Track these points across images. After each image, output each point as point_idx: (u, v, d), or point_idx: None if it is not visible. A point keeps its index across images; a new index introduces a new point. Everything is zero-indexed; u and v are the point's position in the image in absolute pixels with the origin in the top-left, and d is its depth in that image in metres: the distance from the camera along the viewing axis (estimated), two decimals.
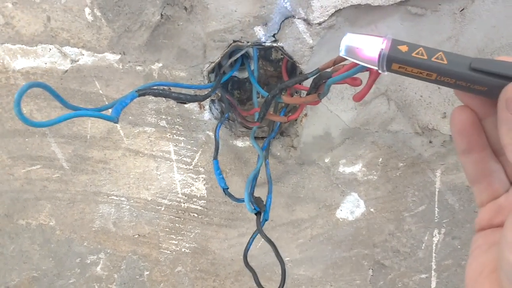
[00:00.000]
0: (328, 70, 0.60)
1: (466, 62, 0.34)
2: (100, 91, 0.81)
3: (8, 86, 0.81)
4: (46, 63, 0.79)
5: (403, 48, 0.36)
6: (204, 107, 0.83)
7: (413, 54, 0.36)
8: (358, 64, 0.52)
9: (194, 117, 0.84)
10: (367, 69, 0.44)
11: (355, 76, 0.53)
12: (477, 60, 0.34)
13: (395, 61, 0.36)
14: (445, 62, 0.35)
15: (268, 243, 0.71)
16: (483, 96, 0.35)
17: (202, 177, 0.91)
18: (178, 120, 0.84)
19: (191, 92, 0.79)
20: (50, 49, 0.77)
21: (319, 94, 0.60)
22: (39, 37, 0.77)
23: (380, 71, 0.38)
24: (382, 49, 0.36)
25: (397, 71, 0.37)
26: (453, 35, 0.75)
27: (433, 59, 0.35)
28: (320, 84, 0.61)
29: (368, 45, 0.38)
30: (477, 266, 0.38)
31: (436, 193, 0.90)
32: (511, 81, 0.33)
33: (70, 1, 0.73)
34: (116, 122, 0.55)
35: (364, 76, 0.49)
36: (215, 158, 0.79)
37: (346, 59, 0.58)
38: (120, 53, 0.77)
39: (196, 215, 0.94)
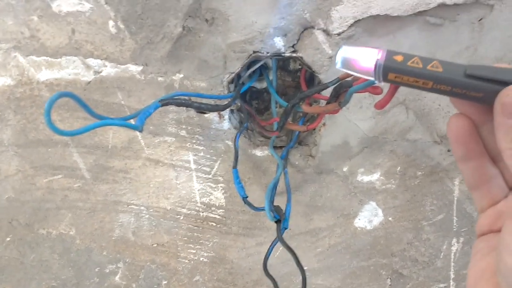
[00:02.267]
0: (349, 79, 0.61)
1: (461, 69, 0.35)
2: (122, 102, 0.82)
3: (32, 97, 0.83)
4: (70, 75, 0.80)
5: (399, 58, 0.36)
6: (223, 117, 0.84)
7: (409, 63, 0.36)
8: None
9: (213, 127, 0.85)
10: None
11: (376, 85, 0.54)
12: (472, 66, 0.35)
13: (391, 70, 0.37)
14: (441, 70, 0.35)
15: (288, 251, 0.71)
16: (479, 103, 0.36)
17: (221, 186, 0.91)
18: (198, 129, 0.85)
19: (212, 102, 0.80)
20: (74, 61, 0.79)
21: (340, 102, 0.61)
22: (63, 49, 0.78)
23: (376, 82, 0.39)
24: (378, 59, 0.37)
25: (394, 80, 0.37)
26: (471, 44, 0.76)
27: (428, 67, 0.36)
28: (341, 93, 0.62)
29: (364, 57, 0.38)
30: (478, 270, 0.39)
31: (455, 201, 0.90)
32: (506, 86, 0.33)
33: (95, 14, 0.75)
34: (141, 131, 0.56)
35: (384, 85, 0.50)
36: (235, 167, 0.79)
37: None
38: (143, 65, 0.79)
39: (214, 224, 0.95)
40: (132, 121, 0.57)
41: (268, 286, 1.01)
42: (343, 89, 0.61)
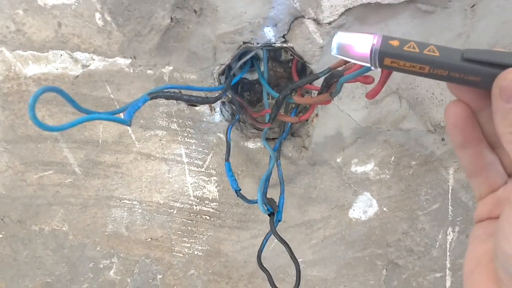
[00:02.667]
0: (340, 68, 0.60)
1: (458, 53, 0.34)
2: (111, 96, 0.81)
3: (20, 92, 0.82)
4: (57, 69, 0.79)
5: (394, 43, 0.36)
6: (215, 109, 0.83)
7: (405, 48, 0.36)
8: None
9: (205, 120, 0.84)
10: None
11: (367, 74, 0.53)
12: (469, 50, 0.34)
13: (387, 55, 0.36)
14: (437, 54, 0.35)
15: (282, 243, 0.70)
16: (477, 88, 0.35)
17: (214, 179, 0.91)
18: (189, 122, 0.84)
19: (202, 94, 0.79)
20: (61, 55, 0.78)
21: (331, 93, 0.60)
22: (50, 43, 0.77)
23: (372, 68, 0.38)
24: (374, 44, 0.37)
25: (390, 66, 0.37)
26: (464, 31, 0.75)
27: (425, 51, 0.35)
28: (332, 83, 0.61)
29: (359, 42, 0.38)
30: (475, 257, 0.38)
31: (450, 191, 0.89)
32: (504, 69, 0.33)
33: (81, 7, 0.73)
34: (129, 125, 0.55)
35: (376, 74, 0.49)
36: (227, 160, 0.79)
37: None
38: (131, 57, 0.77)
39: (208, 217, 0.94)
40: (121, 115, 0.56)
41: (264, 278, 1.00)
42: (334, 79, 0.60)
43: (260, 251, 0.75)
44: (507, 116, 0.32)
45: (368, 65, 0.38)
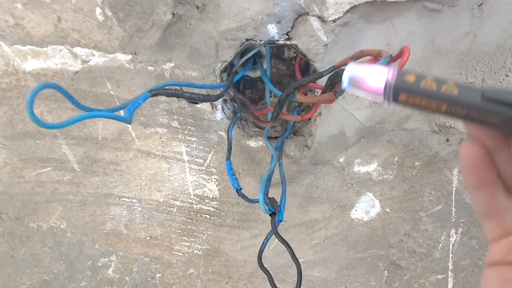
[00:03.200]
0: (345, 67, 0.59)
1: (478, 92, 0.32)
2: (112, 92, 0.80)
3: (18, 88, 0.80)
4: (56, 64, 0.78)
5: (411, 78, 0.34)
6: (216, 107, 0.82)
7: (422, 84, 0.33)
8: (377, 61, 0.51)
9: (206, 117, 0.83)
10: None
11: (385, 105, 0.52)
12: (490, 89, 0.32)
13: (403, 91, 0.34)
14: (456, 91, 0.33)
15: (283, 244, 0.69)
16: (496, 129, 0.33)
17: (214, 178, 0.89)
18: (190, 120, 0.83)
19: (204, 92, 0.77)
20: (61, 50, 0.77)
21: (335, 92, 0.58)
22: (49, 38, 0.76)
23: (385, 104, 0.36)
24: (389, 79, 0.34)
25: (405, 102, 0.34)
26: (471, 30, 0.73)
27: (443, 89, 0.33)
28: (336, 82, 0.60)
29: (373, 76, 0.35)
30: None
31: (453, 192, 0.88)
32: None
33: (81, 1, 0.72)
34: (129, 123, 0.54)
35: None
36: (228, 158, 0.78)
37: (363, 56, 0.57)
38: (132, 53, 0.76)
39: (208, 216, 0.93)
40: (121, 113, 0.55)
41: (264, 278, 0.99)
42: (338, 78, 0.59)
43: (260, 251, 0.74)
44: None
45: (381, 100, 0.36)
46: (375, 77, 0.35)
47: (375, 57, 0.53)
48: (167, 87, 0.59)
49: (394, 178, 0.87)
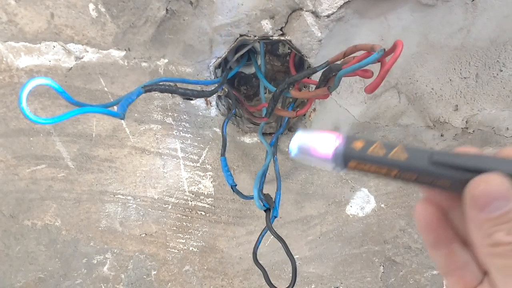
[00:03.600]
0: (338, 62, 0.58)
1: (426, 156, 0.32)
2: (105, 89, 0.80)
3: (12, 84, 0.80)
4: (50, 61, 0.77)
5: (359, 144, 0.34)
6: (211, 103, 0.82)
7: (370, 150, 0.33)
8: (370, 55, 0.51)
9: (200, 114, 0.83)
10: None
11: (366, 68, 0.52)
12: (437, 153, 0.32)
13: (352, 158, 0.34)
14: (404, 157, 0.33)
15: (278, 240, 0.69)
16: (447, 191, 0.33)
17: (209, 175, 0.89)
18: (184, 117, 0.83)
19: (198, 88, 0.77)
20: (54, 46, 0.76)
21: (329, 87, 0.58)
22: (42, 34, 0.75)
23: (335, 171, 0.35)
24: (336, 146, 0.34)
25: (355, 168, 0.34)
26: (465, 26, 0.73)
27: (391, 154, 0.33)
28: (330, 77, 0.60)
29: (321, 144, 0.35)
30: None
31: None
32: (475, 174, 0.31)
33: None
34: (123, 119, 0.53)
35: (375, 68, 0.48)
36: (223, 155, 0.77)
37: (357, 51, 0.57)
38: (125, 50, 0.76)
39: (203, 213, 0.93)
40: (114, 108, 0.55)
41: (260, 275, 0.99)
42: (332, 73, 0.59)
43: (255, 248, 0.74)
44: (482, 226, 0.31)
45: (331, 168, 0.35)
46: (323, 144, 0.35)
47: (369, 51, 0.53)
48: (161, 83, 0.59)
49: None
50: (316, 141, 0.35)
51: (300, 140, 0.36)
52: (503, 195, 0.30)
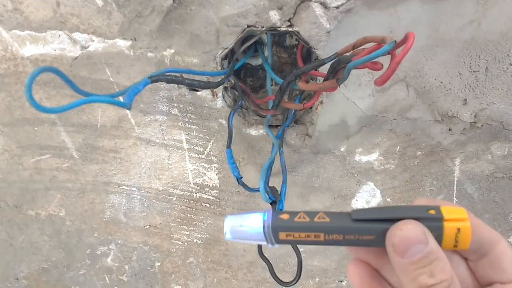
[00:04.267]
0: (347, 54, 0.58)
1: (347, 216, 0.35)
2: (111, 79, 0.79)
3: (17, 73, 0.79)
4: (55, 50, 0.77)
5: (284, 216, 0.36)
6: (217, 94, 0.81)
7: (296, 219, 0.36)
8: (380, 47, 0.50)
9: (206, 105, 0.82)
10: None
11: (375, 60, 0.51)
12: (356, 211, 0.35)
13: (280, 229, 0.36)
14: (328, 219, 0.35)
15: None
16: (375, 246, 0.35)
17: (214, 167, 0.89)
18: (190, 108, 0.82)
19: (204, 79, 0.77)
20: (60, 35, 0.76)
21: (338, 79, 0.57)
22: (48, 23, 0.75)
23: (270, 246, 0.37)
24: (265, 221, 0.36)
25: (286, 240, 0.36)
26: (475, 18, 0.72)
27: (315, 219, 0.35)
28: (339, 69, 0.59)
29: (250, 222, 0.37)
30: None
31: (455, 182, 0.87)
32: (392, 223, 0.33)
33: None
34: (129, 109, 0.53)
35: (385, 60, 0.47)
36: (229, 147, 0.77)
37: (367, 43, 0.56)
38: (131, 39, 0.75)
39: (208, 205, 0.93)
40: (120, 98, 0.54)
41: (264, 267, 0.99)
42: (341, 65, 0.58)
43: None
44: (406, 271, 0.32)
45: (265, 243, 0.37)
46: (252, 223, 0.37)
47: (379, 43, 0.52)
48: (167, 74, 0.58)
49: (396, 168, 0.87)
50: (245, 221, 0.38)
51: (230, 223, 0.38)
52: (420, 239, 0.32)
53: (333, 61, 0.60)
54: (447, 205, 0.35)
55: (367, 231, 0.34)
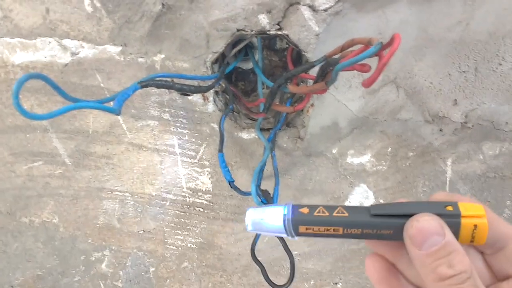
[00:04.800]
0: (335, 56, 0.58)
1: (365, 210, 0.36)
2: (102, 85, 0.79)
3: (7, 80, 0.80)
4: (45, 57, 0.77)
5: (304, 211, 0.37)
6: (208, 98, 0.81)
7: (315, 214, 0.37)
8: (367, 48, 0.50)
9: (198, 109, 0.82)
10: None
11: (363, 61, 0.51)
12: (374, 206, 0.36)
13: (300, 223, 0.37)
14: (346, 214, 0.36)
15: (276, 236, 0.69)
16: (392, 240, 0.36)
17: (207, 171, 0.89)
18: (181, 112, 0.82)
19: (195, 83, 0.77)
20: (50, 42, 0.76)
21: (326, 82, 0.58)
22: (38, 30, 0.75)
23: (290, 238, 0.39)
24: (285, 215, 0.38)
25: (306, 233, 0.38)
26: (464, 19, 0.73)
27: (334, 214, 0.37)
28: (328, 71, 0.59)
29: (271, 215, 0.39)
30: None
31: (447, 182, 0.88)
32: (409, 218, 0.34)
33: None
34: (118, 114, 0.53)
35: (373, 62, 0.47)
36: (220, 151, 0.77)
37: (354, 44, 0.56)
38: (121, 45, 0.75)
39: (201, 209, 0.93)
40: (111, 104, 0.54)
41: (258, 271, 0.98)
42: (329, 67, 0.58)
43: (253, 244, 0.73)
44: (425, 263, 0.33)
45: (285, 235, 0.38)
46: (273, 216, 0.38)
47: (366, 45, 0.52)
48: (157, 78, 0.59)
49: (388, 169, 0.87)
50: (267, 214, 0.39)
51: (252, 216, 0.40)
52: (437, 231, 0.33)
53: (322, 63, 0.60)
54: (464, 201, 0.36)
55: (385, 226, 0.35)
